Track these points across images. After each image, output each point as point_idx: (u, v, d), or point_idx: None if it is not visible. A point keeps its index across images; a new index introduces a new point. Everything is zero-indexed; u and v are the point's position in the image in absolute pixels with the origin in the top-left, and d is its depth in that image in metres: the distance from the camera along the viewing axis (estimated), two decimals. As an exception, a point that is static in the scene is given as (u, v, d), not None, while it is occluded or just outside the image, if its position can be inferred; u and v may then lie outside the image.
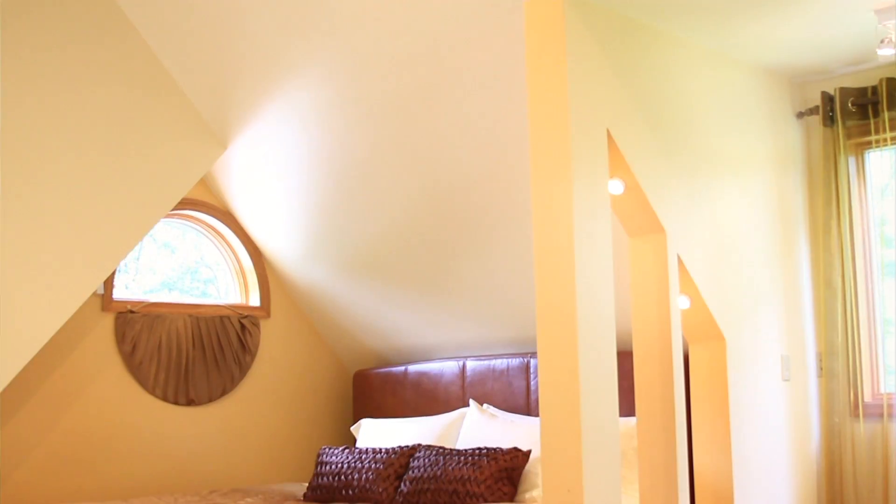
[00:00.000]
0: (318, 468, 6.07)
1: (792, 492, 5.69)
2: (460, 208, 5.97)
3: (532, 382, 6.27)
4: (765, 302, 5.61)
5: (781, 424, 5.66)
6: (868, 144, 5.97)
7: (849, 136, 5.95)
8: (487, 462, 5.38)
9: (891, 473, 5.73)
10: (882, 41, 5.01)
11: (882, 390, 5.89)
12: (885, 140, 5.81)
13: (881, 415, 5.78)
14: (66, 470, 6.18)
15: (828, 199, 5.98)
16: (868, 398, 5.91)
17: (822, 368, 6.01)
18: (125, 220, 5.89)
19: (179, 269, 7.17)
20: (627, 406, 5.18)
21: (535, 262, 4.32)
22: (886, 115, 5.74)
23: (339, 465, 5.96)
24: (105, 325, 6.41)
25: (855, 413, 5.88)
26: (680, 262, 4.91)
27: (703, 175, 5.25)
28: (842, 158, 5.91)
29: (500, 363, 6.48)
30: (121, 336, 6.42)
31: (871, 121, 5.83)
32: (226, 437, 6.92)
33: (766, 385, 5.55)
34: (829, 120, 5.94)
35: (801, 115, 6.06)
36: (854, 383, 5.88)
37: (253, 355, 7.04)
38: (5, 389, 5.78)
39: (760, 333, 5.54)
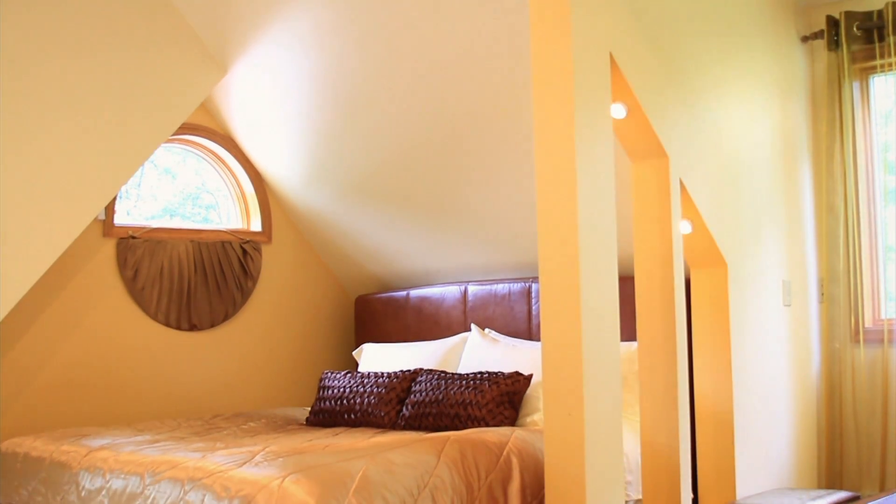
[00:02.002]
0: (320, 392, 6.08)
1: (792, 416, 5.72)
2: (463, 132, 5.94)
3: (533, 307, 6.28)
4: (767, 227, 5.61)
5: (782, 349, 5.68)
6: (873, 69, 5.93)
7: (853, 60, 5.92)
8: (489, 386, 5.39)
9: (890, 398, 5.76)
10: (889, -36, 4.97)
11: (882, 316, 5.92)
12: (891, 65, 5.77)
13: (881, 340, 5.80)
14: (69, 396, 6.20)
15: (831, 125, 5.96)
16: (868, 324, 5.93)
17: (823, 294, 6.02)
18: (125, 146, 5.85)
19: (181, 195, 7.16)
20: (628, 331, 5.19)
21: (537, 186, 4.30)
22: (892, 39, 5.70)
23: (341, 390, 5.97)
24: (107, 251, 6.41)
25: (855, 338, 5.91)
26: (682, 186, 4.90)
27: (706, 99, 5.22)
28: (846, 83, 5.88)
29: (501, 288, 6.49)
30: (122, 261, 6.42)
31: (877, 45, 5.79)
32: (228, 362, 6.94)
33: (768, 310, 5.56)
34: (834, 44, 5.90)
35: (805, 39, 6.02)
36: (855, 309, 5.90)
37: (255, 280, 7.04)
38: (7, 316, 5.79)
39: (762, 258, 5.54)
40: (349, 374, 6.09)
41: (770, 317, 5.59)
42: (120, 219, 6.54)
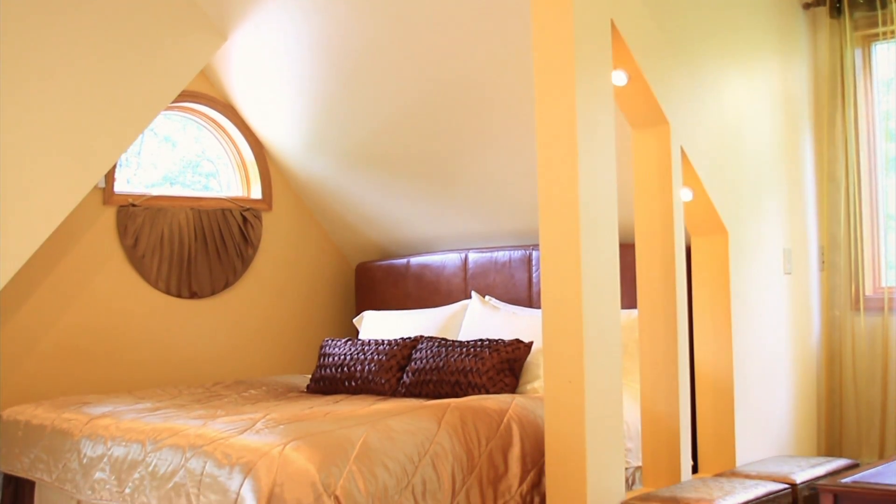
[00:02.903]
0: (321, 360, 6.08)
1: (792, 384, 5.72)
2: (464, 99, 5.92)
3: (534, 275, 6.27)
4: (768, 195, 5.59)
5: (782, 317, 5.67)
6: (875, 37, 5.90)
7: (856, 27, 5.89)
8: (489, 353, 5.39)
9: (890, 367, 5.75)
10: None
11: (883, 284, 5.91)
12: (893, 32, 5.75)
13: (882, 308, 5.80)
14: (70, 363, 6.21)
15: (833, 92, 5.94)
16: (869, 292, 5.92)
17: (823, 262, 6.01)
18: (125, 114, 5.84)
19: (181, 163, 7.14)
20: (629, 299, 5.18)
21: (538, 153, 4.30)
22: (894, 6, 5.67)
23: (342, 357, 5.96)
24: (107, 219, 6.40)
25: (856, 306, 5.90)
26: (683, 154, 4.88)
27: (707, 67, 5.19)
28: (848, 51, 5.86)
29: (502, 255, 6.48)
30: (122, 229, 6.41)
31: (879, 12, 5.76)
32: (229, 330, 6.94)
33: (768, 278, 5.55)
34: (836, 11, 5.87)
35: (807, 6, 5.99)
36: (855, 277, 5.89)
37: (255, 248, 7.03)
38: (8, 285, 5.78)
39: (763, 226, 5.52)
40: (350, 342, 6.08)
41: (770, 285, 5.58)
42: (120, 187, 6.53)
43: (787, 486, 4.67)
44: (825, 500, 3.82)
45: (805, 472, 4.87)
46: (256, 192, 7.16)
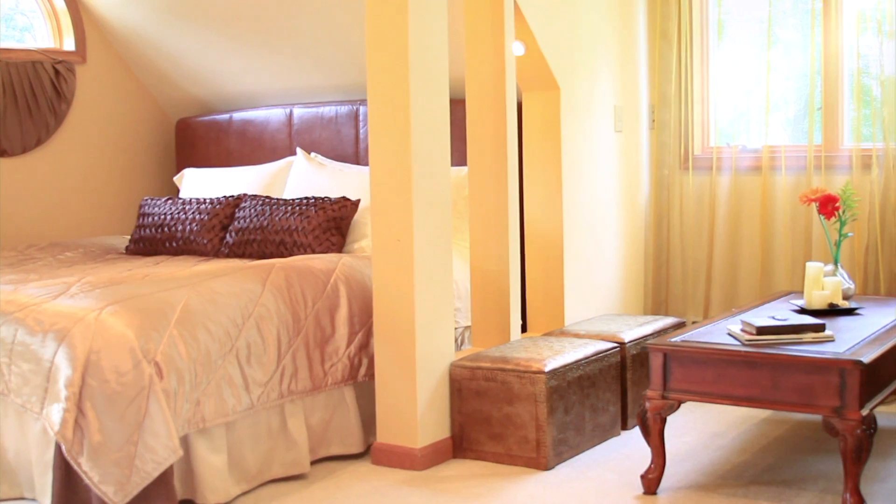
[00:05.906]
0: (140, 220, 5.92)
1: (620, 243, 5.78)
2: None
3: (361, 131, 6.18)
4: (600, 50, 5.57)
5: (612, 175, 5.71)
6: None
7: None
8: (315, 212, 5.31)
9: (716, 226, 5.85)
10: None
11: (712, 143, 5.96)
12: None
13: (710, 168, 5.87)
14: None
15: (666, -53, 5.91)
16: (698, 151, 5.98)
17: (653, 120, 6.02)
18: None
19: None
20: (459, 155, 5.13)
21: (367, 4, 4.20)
22: None
23: (162, 217, 5.82)
24: None
25: (684, 165, 5.97)
26: (516, 6, 4.82)
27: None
28: None
29: (328, 111, 6.36)
30: (-78, 81, 6.07)
31: None
32: (42, 190, 6.67)
33: (599, 136, 5.57)
34: None
35: None
36: (685, 136, 5.95)
37: (69, 103, 6.74)
38: None
39: (595, 83, 5.51)
40: (170, 201, 5.94)
41: (601, 142, 5.59)
42: (-81, 35, 6.15)
43: (615, 344, 4.71)
44: (655, 358, 3.83)
45: (633, 330, 4.92)
46: (69, 44, 6.82)
